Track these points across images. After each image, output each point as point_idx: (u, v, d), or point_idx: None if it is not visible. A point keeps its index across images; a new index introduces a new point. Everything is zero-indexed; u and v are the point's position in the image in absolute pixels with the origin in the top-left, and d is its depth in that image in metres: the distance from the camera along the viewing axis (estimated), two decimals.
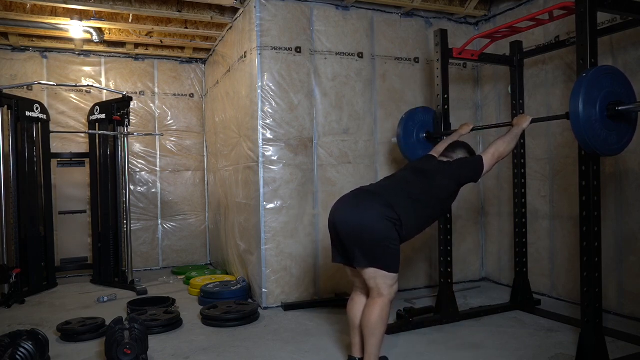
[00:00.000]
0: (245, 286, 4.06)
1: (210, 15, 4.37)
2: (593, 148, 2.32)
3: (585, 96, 2.24)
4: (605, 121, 2.31)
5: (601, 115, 2.28)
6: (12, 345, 2.44)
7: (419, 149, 3.56)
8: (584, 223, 2.48)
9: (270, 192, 3.85)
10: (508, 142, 2.66)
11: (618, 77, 2.38)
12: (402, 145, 3.60)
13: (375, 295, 2.37)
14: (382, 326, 2.35)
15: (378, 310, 2.33)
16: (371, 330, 2.34)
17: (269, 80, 3.86)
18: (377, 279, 2.34)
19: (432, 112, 3.64)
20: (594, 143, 2.29)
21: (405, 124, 3.58)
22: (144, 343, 2.67)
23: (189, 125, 6.00)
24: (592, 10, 2.43)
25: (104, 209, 5.02)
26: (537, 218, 4.02)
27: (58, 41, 5.20)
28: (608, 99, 2.30)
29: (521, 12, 4.11)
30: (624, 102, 2.31)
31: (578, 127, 2.27)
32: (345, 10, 4.12)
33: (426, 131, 3.60)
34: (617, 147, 2.42)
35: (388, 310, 2.37)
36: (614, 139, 2.37)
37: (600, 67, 2.38)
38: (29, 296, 4.45)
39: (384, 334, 2.39)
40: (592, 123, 2.27)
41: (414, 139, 3.59)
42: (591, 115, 2.26)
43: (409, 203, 2.41)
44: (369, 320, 2.35)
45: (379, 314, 2.33)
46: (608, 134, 2.33)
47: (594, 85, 2.28)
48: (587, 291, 2.47)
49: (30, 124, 4.69)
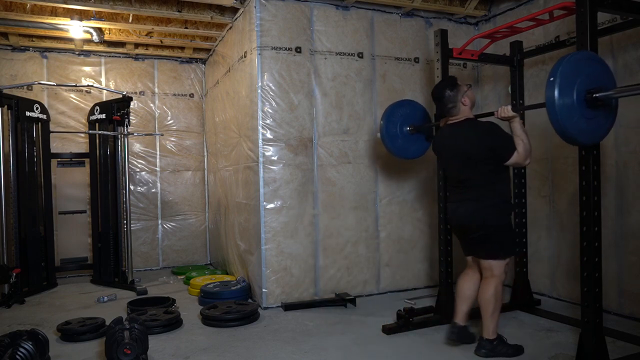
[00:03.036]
0: (245, 286, 4.06)
1: (210, 15, 4.37)
2: (571, 137, 2.25)
3: (561, 83, 2.17)
4: (583, 109, 2.21)
5: (579, 102, 2.20)
6: (12, 345, 2.44)
7: (404, 143, 3.52)
8: (584, 223, 2.48)
9: (270, 192, 3.85)
10: (522, 144, 2.63)
11: (596, 63, 2.30)
12: (386, 140, 3.53)
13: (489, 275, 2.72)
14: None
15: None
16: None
17: (269, 80, 3.86)
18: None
19: (415, 104, 3.58)
20: (571, 132, 2.22)
21: (388, 119, 3.51)
22: (144, 343, 2.67)
23: (189, 125, 6.00)
24: (592, 10, 2.43)
25: (104, 209, 5.02)
26: (537, 218, 4.02)
27: (58, 41, 5.20)
28: (586, 86, 2.22)
29: (521, 12, 4.11)
30: (602, 89, 2.23)
31: (554, 115, 2.19)
32: (345, 10, 4.12)
33: (410, 124, 3.53)
34: (596, 135, 2.34)
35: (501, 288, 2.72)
36: (593, 127, 2.28)
37: (577, 53, 2.32)
38: (29, 296, 4.45)
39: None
40: (569, 111, 2.18)
41: (397, 134, 3.52)
42: (568, 103, 2.17)
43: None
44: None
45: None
46: (587, 122, 2.25)
47: (571, 72, 2.19)
48: (587, 291, 2.46)
49: (30, 124, 4.69)
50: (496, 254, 2.69)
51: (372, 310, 3.71)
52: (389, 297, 4.09)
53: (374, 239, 4.20)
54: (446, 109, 2.81)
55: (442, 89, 2.80)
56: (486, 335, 2.72)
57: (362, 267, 4.15)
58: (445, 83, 2.84)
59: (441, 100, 2.80)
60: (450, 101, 2.76)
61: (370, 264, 4.18)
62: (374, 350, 2.89)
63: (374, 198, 4.20)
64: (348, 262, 4.09)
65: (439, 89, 2.83)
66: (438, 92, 2.82)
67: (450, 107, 2.78)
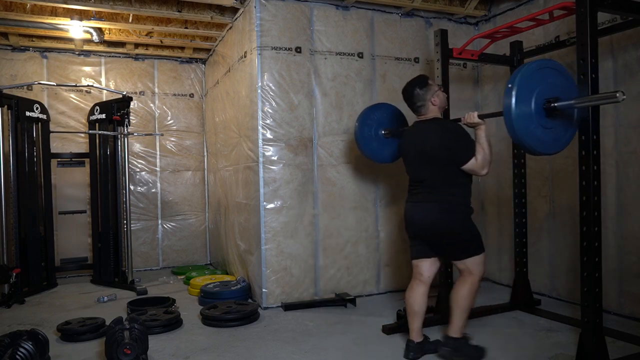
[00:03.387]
0: (245, 286, 4.06)
1: (210, 15, 4.37)
2: (529, 147, 2.20)
3: (519, 91, 2.12)
4: (542, 118, 2.17)
5: (537, 112, 2.15)
6: (12, 345, 2.44)
7: (380, 146, 3.44)
8: (584, 223, 2.48)
9: (270, 192, 3.85)
10: (482, 153, 2.56)
11: (558, 71, 2.26)
12: (365, 150, 3.47)
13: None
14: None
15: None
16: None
17: (269, 80, 3.86)
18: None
19: (392, 108, 3.50)
20: (529, 141, 2.17)
21: (361, 126, 3.43)
22: (144, 343, 2.67)
23: (189, 125, 6.00)
24: (592, 10, 2.43)
25: (104, 209, 5.02)
26: (537, 218, 4.02)
27: (58, 41, 5.21)
28: (545, 95, 2.17)
29: (521, 12, 4.11)
30: (562, 98, 2.18)
31: (511, 125, 2.14)
32: (345, 10, 4.12)
33: (386, 128, 3.43)
34: (555, 145, 2.29)
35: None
36: (551, 137, 2.23)
37: (537, 61, 2.28)
38: (29, 296, 4.45)
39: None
40: (527, 120, 2.13)
41: (372, 138, 3.44)
42: (525, 112, 2.12)
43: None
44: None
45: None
46: (545, 132, 2.20)
47: (530, 80, 2.14)
48: (587, 291, 2.46)
49: (30, 124, 4.69)
50: (466, 254, 2.62)
51: (372, 310, 3.71)
52: (389, 297, 4.09)
53: (374, 239, 4.20)
54: (415, 107, 2.75)
55: (412, 86, 2.74)
56: (452, 333, 2.66)
57: (362, 267, 4.15)
58: (415, 81, 2.77)
59: (410, 98, 2.75)
60: (419, 99, 2.71)
61: (370, 264, 4.18)
62: (374, 350, 2.89)
63: (374, 198, 4.20)
64: (348, 262, 4.09)
65: (409, 87, 2.77)
66: (408, 89, 2.76)
67: (419, 106, 2.73)
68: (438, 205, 2.61)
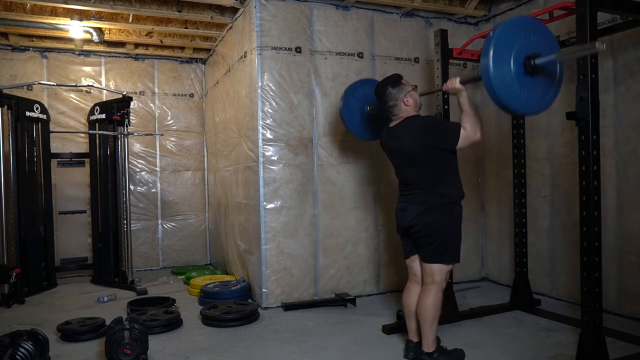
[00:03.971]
0: (245, 286, 4.06)
1: (210, 15, 4.37)
2: (511, 108, 2.11)
3: (496, 51, 2.02)
4: (522, 77, 2.08)
5: (517, 71, 2.06)
6: (12, 345, 2.44)
7: (365, 124, 3.35)
8: (584, 223, 2.48)
9: (270, 192, 3.85)
10: (468, 119, 2.46)
11: (535, 27, 2.16)
12: (346, 122, 3.34)
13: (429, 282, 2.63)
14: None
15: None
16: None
17: (269, 80, 3.86)
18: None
19: (376, 83, 3.37)
20: (510, 103, 2.08)
21: (346, 101, 3.31)
22: (144, 343, 2.67)
23: (189, 125, 6.00)
24: (592, 10, 2.43)
25: (104, 209, 5.02)
26: (537, 218, 4.02)
27: (58, 41, 5.20)
28: (524, 53, 2.08)
29: (521, 12, 4.11)
30: (542, 55, 2.09)
31: (490, 87, 2.04)
32: (345, 10, 4.12)
33: (371, 104, 3.30)
34: (538, 104, 2.19)
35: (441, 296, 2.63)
36: (535, 96, 2.14)
37: (514, 18, 2.18)
38: (29, 296, 4.45)
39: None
40: (507, 81, 2.04)
41: (357, 115, 3.33)
42: (505, 72, 2.03)
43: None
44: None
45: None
46: (528, 91, 2.11)
47: (507, 38, 2.05)
48: (587, 291, 2.46)
49: (30, 124, 4.69)
50: (439, 258, 2.56)
51: (372, 310, 3.71)
52: (389, 297, 4.09)
53: (374, 239, 4.20)
54: (387, 107, 2.67)
55: (385, 85, 2.65)
56: (425, 348, 2.59)
57: (362, 267, 4.15)
58: (388, 80, 2.67)
59: (382, 97, 2.66)
60: (390, 99, 2.62)
61: (370, 264, 4.18)
62: (374, 350, 2.89)
63: (374, 198, 4.20)
64: (348, 262, 4.09)
65: (381, 85, 2.69)
66: (380, 88, 2.68)
67: (391, 106, 2.64)
68: (422, 206, 2.57)
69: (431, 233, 2.56)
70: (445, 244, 2.57)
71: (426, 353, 2.59)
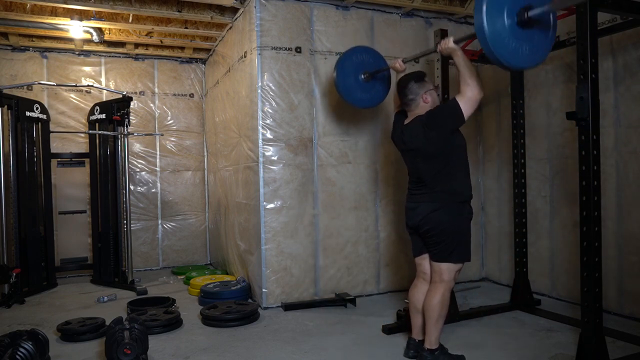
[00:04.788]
0: (245, 286, 4.06)
1: (210, 15, 4.37)
2: (505, 63, 2.11)
3: (488, 5, 2.03)
4: (516, 30, 2.07)
5: (510, 23, 2.06)
6: (12, 345, 2.44)
7: (358, 90, 3.36)
8: (584, 223, 2.48)
9: (270, 192, 3.85)
10: (466, 79, 2.47)
11: None
12: (341, 88, 3.34)
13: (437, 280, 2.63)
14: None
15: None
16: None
17: (269, 80, 3.86)
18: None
19: (371, 51, 3.44)
20: (504, 56, 2.08)
21: (342, 65, 3.32)
22: (144, 343, 2.67)
23: (189, 125, 6.00)
24: (592, 10, 2.43)
25: (104, 209, 5.02)
26: (537, 218, 4.02)
27: (58, 41, 5.20)
28: (517, 4, 2.07)
29: None
30: (534, 6, 2.09)
31: (484, 40, 2.04)
32: (345, 10, 4.12)
33: (364, 71, 3.35)
34: (533, 57, 2.19)
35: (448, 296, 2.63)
36: (527, 49, 2.13)
37: None
38: (29, 296, 4.45)
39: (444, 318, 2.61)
40: (501, 34, 2.03)
41: (351, 80, 3.35)
42: (498, 25, 2.03)
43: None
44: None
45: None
46: (521, 44, 2.10)
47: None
48: (587, 291, 2.46)
49: (30, 124, 4.69)
50: (447, 257, 2.58)
51: (372, 310, 3.71)
52: (389, 297, 4.09)
53: (374, 239, 4.20)
54: (406, 99, 2.70)
55: (408, 79, 2.72)
56: (428, 344, 2.59)
57: (362, 267, 4.15)
58: (413, 75, 2.74)
59: (404, 89, 2.71)
60: (411, 92, 2.67)
61: (370, 264, 4.18)
62: (374, 350, 2.89)
63: (374, 198, 4.20)
64: (348, 262, 4.09)
65: (405, 78, 2.75)
66: (404, 80, 2.74)
67: (410, 99, 2.68)
68: (432, 205, 2.59)
69: (441, 232, 2.57)
70: (454, 243, 2.59)
71: (428, 350, 2.59)
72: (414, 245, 2.79)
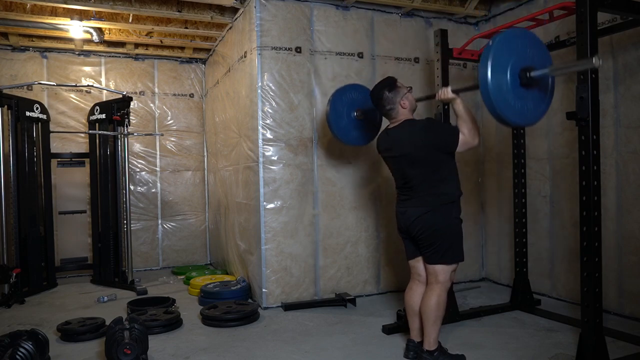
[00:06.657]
0: (245, 286, 4.06)
1: (210, 15, 4.37)
2: (506, 119, 2.18)
3: (493, 63, 2.08)
4: (518, 89, 2.15)
5: (513, 83, 2.13)
6: (12, 345, 2.44)
7: (352, 129, 3.35)
8: (584, 223, 2.48)
9: (270, 192, 3.85)
10: (465, 125, 2.52)
11: (530, 40, 2.23)
12: (333, 127, 3.34)
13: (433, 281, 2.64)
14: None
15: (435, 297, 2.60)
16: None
17: (269, 80, 3.86)
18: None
19: (363, 88, 3.39)
20: (506, 114, 2.15)
21: (334, 105, 3.31)
22: (144, 343, 2.67)
23: (189, 125, 6.00)
24: (592, 10, 2.43)
25: (104, 209, 5.02)
26: (537, 218, 4.02)
27: (58, 41, 5.20)
28: (519, 65, 2.15)
29: (521, 12, 4.10)
30: (536, 68, 2.17)
31: (488, 98, 2.10)
32: (345, 10, 4.12)
33: (357, 109, 3.32)
34: (532, 115, 2.27)
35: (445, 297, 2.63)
36: (528, 107, 2.20)
37: (510, 30, 2.26)
38: (29, 296, 4.45)
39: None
40: (503, 92, 2.10)
41: (344, 120, 3.33)
42: (502, 83, 2.10)
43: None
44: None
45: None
46: (522, 103, 2.17)
47: (504, 51, 2.11)
48: (587, 291, 2.46)
49: (30, 124, 4.69)
50: (441, 259, 2.58)
51: (372, 310, 3.71)
52: (389, 297, 4.09)
53: (374, 239, 4.20)
54: (384, 110, 2.69)
55: (380, 89, 2.66)
56: (426, 346, 2.60)
57: (362, 267, 4.15)
58: (383, 83, 2.68)
59: (379, 101, 2.67)
60: (388, 102, 2.64)
61: (370, 264, 4.18)
62: (374, 350, 2.89)
63: (374, 198, 4.20)
64: (348, 262, 4.09)
65: (377, 90, 2.69)
66: (376, 92, 2.69)
67: (389, 109, 2.66)
68: (422, 209, 2.58)
69: (432, 234, 2.57)
70: (446, 244, 2.58)
71: (427, 351, 2.59)
72: (407, 249, 2.78)
